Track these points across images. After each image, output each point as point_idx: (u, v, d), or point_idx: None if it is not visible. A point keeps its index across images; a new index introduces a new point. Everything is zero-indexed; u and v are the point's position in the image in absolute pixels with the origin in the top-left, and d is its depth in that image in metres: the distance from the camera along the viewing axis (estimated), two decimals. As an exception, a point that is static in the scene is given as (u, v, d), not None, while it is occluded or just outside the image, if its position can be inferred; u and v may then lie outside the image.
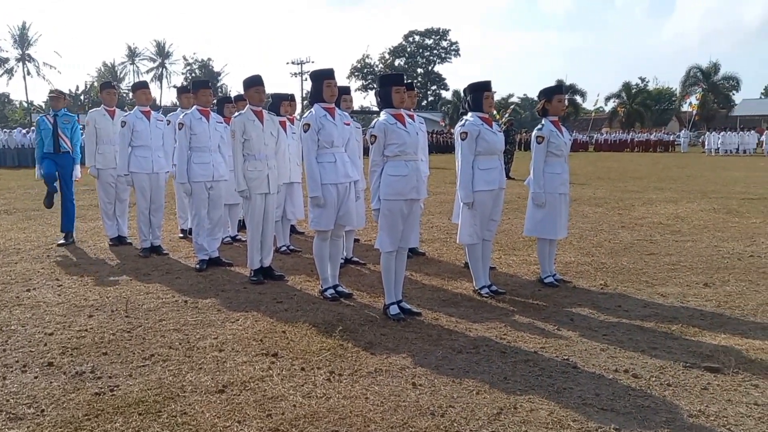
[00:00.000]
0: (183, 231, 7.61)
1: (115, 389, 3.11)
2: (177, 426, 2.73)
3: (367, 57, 72.38)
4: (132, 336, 3.94)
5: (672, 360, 3.49)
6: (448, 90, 71.64)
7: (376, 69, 70.13)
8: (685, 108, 51.39)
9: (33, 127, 7.25)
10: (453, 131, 8.08)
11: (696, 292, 4.98)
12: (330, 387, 3.14)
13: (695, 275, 5.53)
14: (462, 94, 5.56)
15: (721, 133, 35.49)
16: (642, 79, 61.44)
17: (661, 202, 10.97)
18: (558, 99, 5.15)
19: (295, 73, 59.23)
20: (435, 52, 73.46)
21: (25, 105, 60.96)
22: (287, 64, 79.79)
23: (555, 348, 3.70)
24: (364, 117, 34.58)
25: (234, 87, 66.21)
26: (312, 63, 56.23)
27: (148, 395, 3.03)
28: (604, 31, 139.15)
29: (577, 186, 13.63)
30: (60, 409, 2.90)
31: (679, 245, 6.90)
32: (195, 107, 5.95)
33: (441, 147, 34.48)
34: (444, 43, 73.18)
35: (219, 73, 67.30)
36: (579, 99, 57.37)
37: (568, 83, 53.49)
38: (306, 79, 50.30)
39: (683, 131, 43.14)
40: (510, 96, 67.67)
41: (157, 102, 57.41)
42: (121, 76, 67.51)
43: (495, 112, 29.51)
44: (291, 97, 6.80)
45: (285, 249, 6.70)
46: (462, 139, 4.77)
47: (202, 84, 6.14)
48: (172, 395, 3.04)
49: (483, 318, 4.30)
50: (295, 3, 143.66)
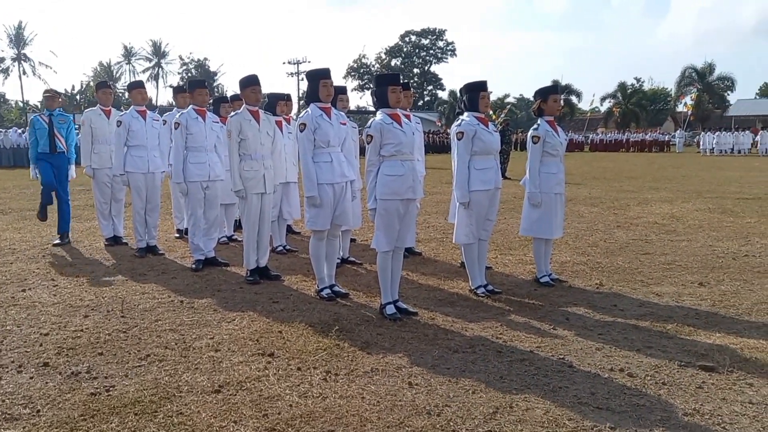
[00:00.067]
0: (179, 231, 7.59)
1: (111, 389, 3.11)
2: (173, 426, 2.73)
3: (364, 57, 72.41)
4: (128, 336, 3.93)
5: (667, 359, 3.51)
6: (444, 90, 71.73)
7: (372, 69, 70.10)
8: (681, 108, 51.50)
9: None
10: (449, 131, 8.10)
11: (691, 291, 5.00)
12: (326, 387, 3.14)
13: (690, 275, 5.55)
14: (458, 94, 5.56)
15: (716, 134, 35.62)
16: (637, 79, 61.63)
17: (657, 201, 11.01)
18: (554, 99, 5.17)
19: (292, 73, 59.31)
20: (431, 52, 73.47)
21: (21, 105, 60.75)
22: (284, 64, 79.71)
23: (551, 347, 3.71)
24: (360, 117, 34.53)
25: (230, 87, 66.24)
26: (308, 63, 56.23)
27: (144, 395, 3.03)
28: (599, 32, 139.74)
29: (573, 186, 13.67)
30: (55, 410, 2.89)
31: (675, 245, 6.93)
32: (191, 107, 5.94)
33: (437, 147, 34.49)
34: (440, 43, 73.20)
35: (215, 73, 67.16)
36: (575, 99, 57.54)
37: (563, 83, 53.61)
38: (302, 79, 50.21)
39: (678, 131, 43.28)
40: (506, 96, 67.90)
41: (153, 102, 57.30)
42: (117, 75, 67.32)
43: (491, 112, 29.56)
44: (287, 97, 6.79)
45: (281, 249, 6.70)
46: (458, 139, 4.78)
47: (198, 83, 6.13)
48: (168, 395, 3.03)
49: (479, 317, 4.31)
50: (292, 3, 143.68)
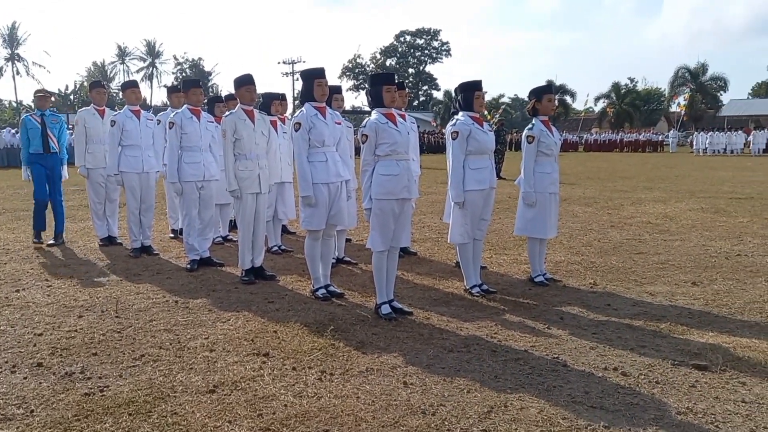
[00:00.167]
0: (174, 231, 7.58)
1: (105, 390, 3.10)
2: (167, 426, 2.73)
3: (359, 57, 72.48)
4: (122, 336, 3.92)
5: (660, 358, 3.52)
6: (439, 90, 71.91)
7: (367, 69, 70.11)
8: (674, 108, 51.72)
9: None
10: (444, 131, 8.10)
11: (684, 290, 5.02)
12: (321, 386, 3.14)
13: (683, 274, 5.58)
14: (453, 93, 5.57)
15: (709, 134, 35.75)
16: (631, 80, 61.95)
17: (650, 201, 11.05)
18: (548, 99, 5.18)
19: (286, 73, 59.18)
20: (426, 52, 73.59)
21: (15, 105, 60.42)
22: (278, 63, 79.75)
23: (545, 346, 3.72)
24: (355, 117, 34.55)
25: (225, 86, 66.10)
26: (303, 63, 56.15)
27: (138, 395, 3.02)
28: (592, 32, 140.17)
29: (567, 186, 13.71)
30: (49, 410, 2.88)
31: (668, 244, 6.96)
32: (186, 106, 5.92)
33: (432, 147, 34.50)
34: (435, 43, 73.37)
35: (210, 73, 67.05)
36: (569, 99, 57.76)
37: (558, 83, 53.78)
38: (297, 79, 50.19)
39: (672, 131, 43.44)
40: (501, 96, 68.06)
41: (148, 102, 57.13)
42: (111, 75, 67.10)
43: (486, 112, 29.61)
44: (282, 97, 6.79)
45: (276, 249, 6.69)
46: (453, 139, 4.78)
47: (192, 83, 6.11)
48: (162, 395, 3.03)
49: (474, 317, 4.32)
50: (287, 3, 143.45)
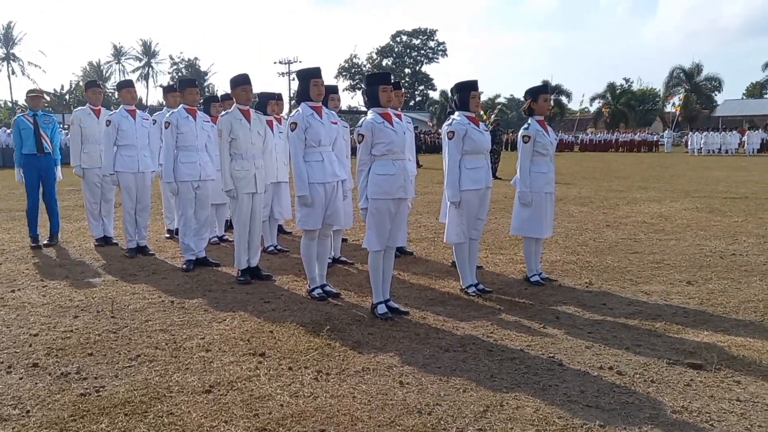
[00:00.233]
0: (169, 231, 7.56)
1: (101, 390, 3.09)
2: (163, 426, 2.72)
3: (355, 57, 72.38)
4: (118, 336, 3.91)
5: (656, 357, 3.54)
6: (435, 90, 71.85)
7: (363, 69, 70.08)
8: (669, 108, 51.86)
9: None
10: (440, 131, 8.10)
11: (679, 290, 5.04)
12: (317, 386, 3.15)
13: (678, 273, 5.60)
14: (449, 93, 5.58)
15: (704, 134, 35.89)
16: (626, 80, 61.99)
17: (645, 201, 11.09)
18: (544, 98, 5.20)
19: (283, 73, 59.15)
20: (422, 52, 73.56)
21: (10, 105, 60.15)
22: (274, 63, 79.61)
23: (541, 346, 3.73)
24: (351, 117, 34.53)
25: (221, 86, 66.06)
26: (299, 63, 56.13)
27: (134, 396, 3.02)
28: (588, 32, 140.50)
29: (563, 185, 13.74)
30: (45, 410, 2.88)
31: (663, 244, 6.98)
32: (182, 106, 5.91)
33: (429, 147, 34.48)
34: (431, 44, 73.30)
35: (206, 73, 66.87)
36: (564, 99, 57.86)
37: (553, 83, 53.88)
38: (293, 79, 50.06)
39: (667, 131, 43.56)
40: (497, 96, 68.04)
41: (144, 101, 56.99)
42: (107, 75, 66.88)
43: (482, 112, 29.59)
44: (278, 97, 6.79)
45: (272, 249, 6.69)
46: (449, 138, 4.79)
47: (188, 83, 6.11)
48: (158, 395, 3.03)
49: (470, 317, 4.33)
50: (283, 3, 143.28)
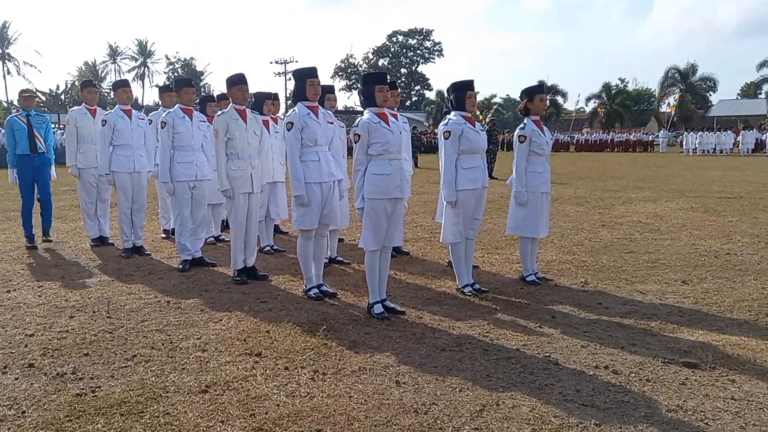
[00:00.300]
0: (165, 231, 7.55)
1: (97, 390, 3.09)
2: (159, 426, 2.72)
3: (351, 57, 72.41)
4: (114, 337, 3.90)
5: (651, 356, 3.55)
6: (431, 90, 71.94)
7: (359, 69, 70.07)
8: (664, 108, 52.08)
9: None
10: (436, 131, 8.10)
11: (674, 289, 5.06)
12: (314, 386, 3.15)
13: (674, 273, 5.62)
14: (445, 93, 5.59)
15: (699, 134, 36.01)
16: (621, 80, 62.27)
17: (641, 201, 11.12)
18: (540, 98, 5.21)
19: (279, 73, 58.96)
20: (418, 52, 73.63)
21: (5, 105, 59.84)
22: (271, 63, 79.23)
23: (537, 345, 3.74)
24: (348, 117, 34.54)
25: (217, 86, 65.83)
26: (296, 63, 56.04)
27: (130, 396, 3.01)
28: (584, 32, 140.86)
29: (559, 185, 13.77)
30: (41, 411, 2.87)
31: (658, 243, 7.01)
32: (178, 106, 5.90)
33: (427, 147, 34.44)
34: (427, 44, 73.42)
35: (202, 73, 66.78)
36: (560, 99, 58.02)
37: (549, 83, 53.98)
38: (289, 79, 50.03)
39: (662, 131, 43.74)
40: (493, 96, 68.23)
41: (139, 101, 56.83)
42: (103, 75, 66.72)
43: (478, 112, 29.62)
44: (274, 96, 6.78)
45: (269, 249, 6.68)
46: (445, 138, 4.80)
47: (185, 82, 6.09)
48: (154, 396, 3.02)
49: (466, 316, 4.33)
50: (279, 3, 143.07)
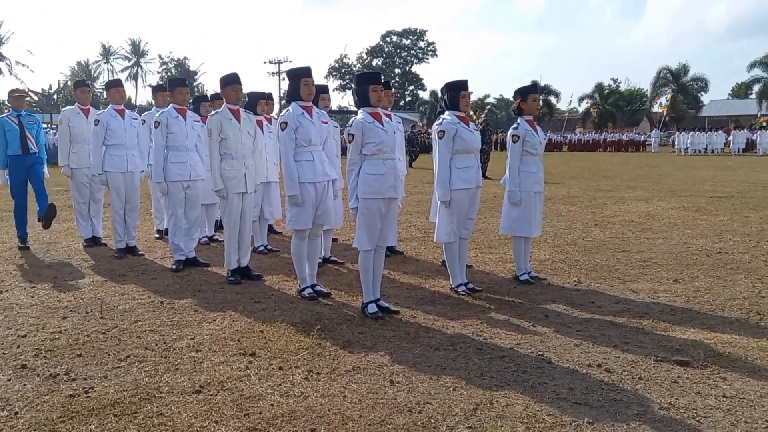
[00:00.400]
0: (159, 231, 7.52)
1: (90, 391, 3.08)
2: (153, 427, 2.71)
3: (345, 57, 72.31)
4: (107, 337, 3.89)
5: (643, 354, 3.57)
6: (425, 90, 71.95)
7: (353, 69, 70.01)
8: (656, 108, 52.35)
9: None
10: (430, 131, 8.11)
11: (666, 288, 5.10)
12: (308, 386, 3.15)
13: (666, 272, 5.65)
14: (439, 93, 5.60)
15: (691, 133, 36.21)
16: (614, 80, 62.50)
17: (633, 200, 11.18)
18: (533, 98, 5.23)
19: (273, 73, 58.93)
20: (412, 52, 73.64)
21: (-2, 105, 59.44)
22: (264, 63, 79.29)
23: (530, 344, 3.76)
24: (342, 117, 34.49)
25: (210, 86, 65.71)
26: (289, 62, 55.95)
27: (123, 396, 3.00)
28: (577, 33, 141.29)
29: (552, 185, 13.81)
30: (34, 412, 2.86)
31: (650, 242, 7.05)
32: (171, 106, 5.88)
33: (423, 147, 34.35)
34: (421, 44, 73.41)
35: (195, 73, 66.52)
36: (553, 99, 58.17)
37: (542, 84, 54.11)
38: (283, 79, 49.88)
39: (654, 131, 43.93)
40: (486, 96, 68.27)
41: (133, 101, 56.58)
42: (96, 75, 66.37)
43: (472, 112, 29.67)
44: (268, 96, 6.78)
45: (262, 249, 6.67)
46: (439, 138, 4.81)
47: (178, 82, 6.07)
48: (148, 396, 3.01)
49: (460, 315, 4.35)
50: (273, 2, 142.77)
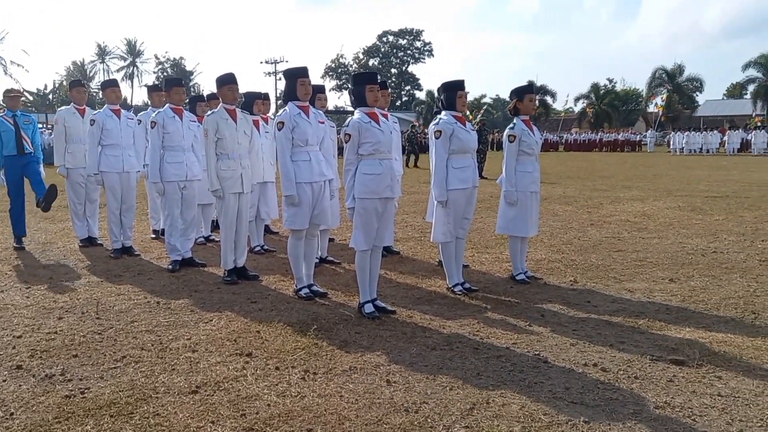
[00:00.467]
0: (155, 231, 7.51)
1: (86, 391, 3.07)
2: (150, 427, 2.71)
3: (342, 57, 72.31)
4: (103, 338, 3.88)
5: (639, 353, 3.59)
6: (422, 90, 72.01)
7: (350, 69, 69.98)
8: (652, 108, 52.43)
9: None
10: (427, 131, 8.11)
11: (662, 287, 5.11)
12: (305, 386, 3.15)
13: (661, 271, 5.67)
14: (436, 93, 5.61)
15: (686, 133, 36.31)
16: (610, 80, 62.64)
17: (629, 200, 11.21)
18: (529, 98, 5.24)
19: (269, 73, 58.78)
20: (409, 52, 73.67)
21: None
22: (261, 63, 79.07)
23: (526, 343, 3.77)
24: (338, 117, 34.48)
25: (207, 86, 65.54)
26: (286, 62, 55.83)
27: (119, 397, 3.00)
28: (572, 33, 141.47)
29: (548, 185, 13.84)
30: (29, 413, 2.85)
31: (646, 242, 7.07)
32: (168, 106, 5.87)
33: (422, 147, 34.36)
34: (417, 44, 73.46)
35: (191, 72, 66.43)
36: (549, 100, 58.24)
37: (538, 84, 54.21)
38: (280, 79, 49.96)
39: (649, 131, 44.06)
40: (482, 96, 68.34)
41: (128, 101, 56.45)
42: (91, 75, 66.19)
43: (468, 112, 29.67)
44: (265, 96, 6.77)
45: (259, 249, 6.67)
46: (436, 138, 4.82)
47: (175, 82, 6.06)
48: (144, 396, 3.01)
49: (456, 315, 4.35)
50: (270, 2, 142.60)
